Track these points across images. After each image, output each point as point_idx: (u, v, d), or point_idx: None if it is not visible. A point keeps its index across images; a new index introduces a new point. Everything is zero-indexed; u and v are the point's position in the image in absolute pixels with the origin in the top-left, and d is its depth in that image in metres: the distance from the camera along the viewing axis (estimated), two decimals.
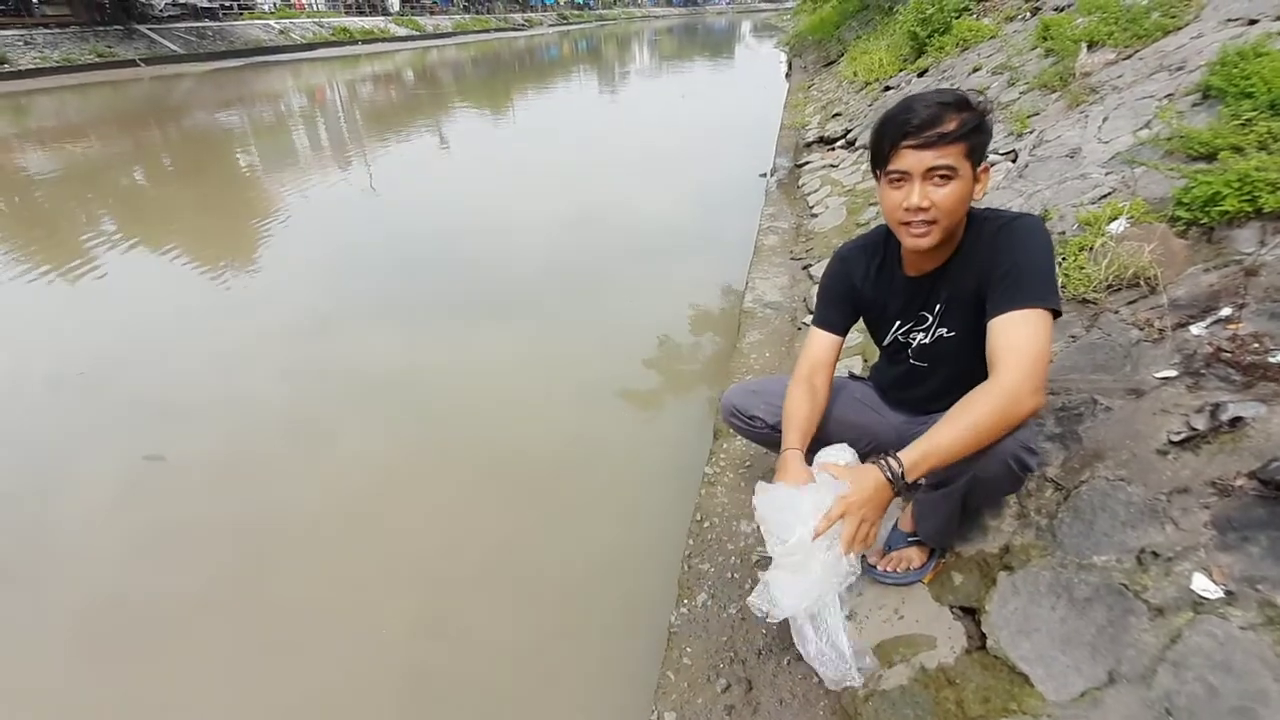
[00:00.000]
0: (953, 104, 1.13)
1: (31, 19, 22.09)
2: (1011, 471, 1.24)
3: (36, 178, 8.23)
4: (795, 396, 1.44)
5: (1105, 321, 1.81)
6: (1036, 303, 1.12)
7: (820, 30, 16.96)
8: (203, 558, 2.22)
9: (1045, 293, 1.13)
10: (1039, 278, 1.14)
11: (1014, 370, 1.08)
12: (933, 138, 1.12)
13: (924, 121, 1.12)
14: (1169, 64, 2.91)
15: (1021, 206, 2.63)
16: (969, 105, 1.14)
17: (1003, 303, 1.14)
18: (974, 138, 1.13)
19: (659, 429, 2.82)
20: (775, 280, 3.49)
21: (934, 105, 1.13)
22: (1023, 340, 1.10)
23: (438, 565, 2.14)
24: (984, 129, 1.15)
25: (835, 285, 1.46)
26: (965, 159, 1.14)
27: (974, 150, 1.15)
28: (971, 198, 1.19)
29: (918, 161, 1.14)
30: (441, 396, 3.12)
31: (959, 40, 5.86)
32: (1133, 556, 1.25)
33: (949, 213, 1.17)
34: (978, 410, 1.10)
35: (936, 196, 1.15)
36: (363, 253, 5.17)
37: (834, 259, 1.48)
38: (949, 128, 1.12)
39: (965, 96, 1.15)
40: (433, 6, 50.96)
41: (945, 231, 1.19)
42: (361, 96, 16.86)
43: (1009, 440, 1.15)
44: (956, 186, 1.15)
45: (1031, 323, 1.11)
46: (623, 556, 2.13)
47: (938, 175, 1.14)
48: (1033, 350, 1.09)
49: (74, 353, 3.65)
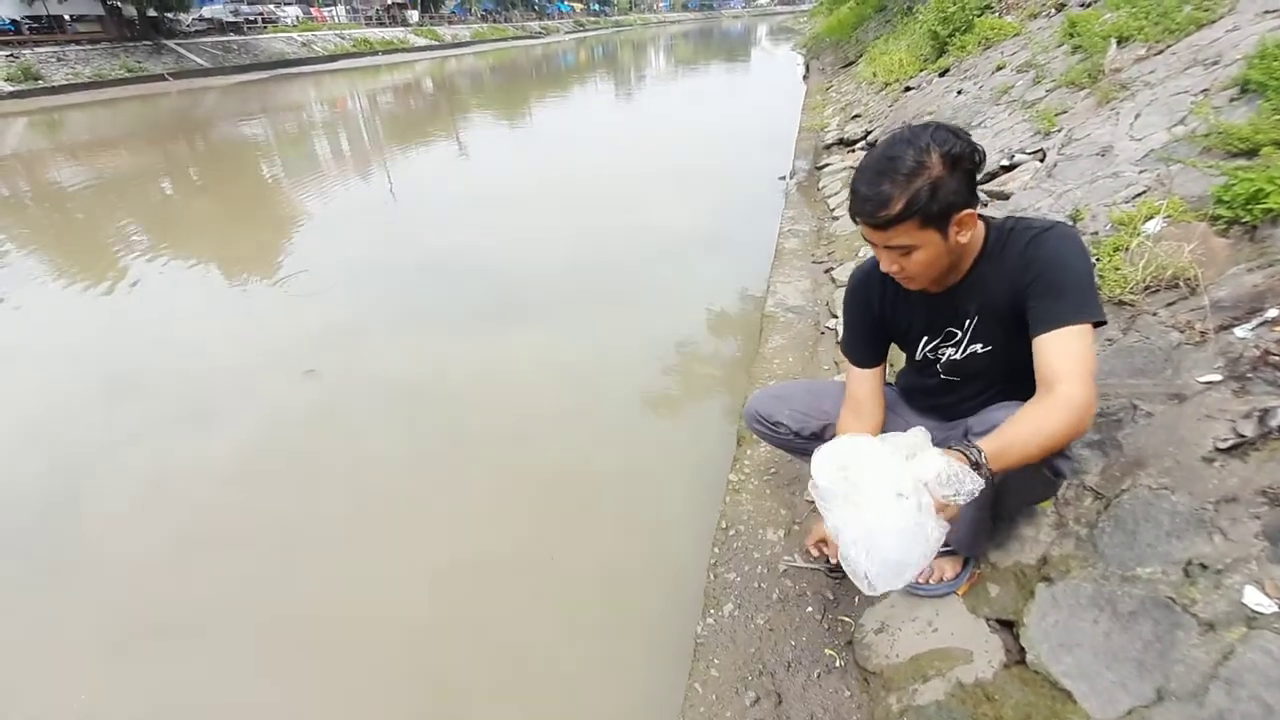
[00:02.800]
0: (903, 175, 1.06)
1: (64, 35, 22.79)
2: (1045, 478, 1.20)
3: (69, 189, 8.46)
4: (846, 427, 1.41)
5: (1143, 324, 1.75)
6: (1084, 317, 1.09)
7: (837, 32, 16.89)
8: (229, 559, 2.25)
9: (1090, 305, 1.10)
10: (1082, 290, 1.11)
11: (1076, 384, 1.06)
12: (879, 221, 1.09)
13: (871, 207, 1.09)
14: (1203, 58, 2.83)
15: (1051, 206, 2.57)
16: (920, 170, 1.05)
17: (1049, 318, 1.11)
18: (930, 205, 1.06)
19: (681, 434, 2.80)
20: (797, 284, 3.46)
21: (879, 183, 1.07)
22: (1074, 356, 1.08)
23: (460, 572, 2.14)
24: (940, 190, 1.06)
25: (857, 317, 1.42)
26: (922, 230, 1.09)
27: (931, 218, 1.08)
28: (953, 249, 1.15)
29: (876, 238, 1.14)
30: (462, 401, 3.13)
31: (981, 39, 5.78)
32: (1179, 569, 1.20)
33: (920, 275, 1.17)
34: (1049, 421, 1.06)
35: (904, 263, 1.15)
36: (383, 260, 5.22)
37: (850, 287, 1.43)
38: (894, 210, 1.07)
39: (915, 163, 1.05)
40: (451, 16, 51.69)
41: (930, 279, 1.19)
42: (382, 106, 17.14)
43: None
44: (920, 254, 1.13)
45: (1081, 337, 1.09)
46: (647, 565, 2.11)
47: (897, 250, 1.14)
48: (1087, 366, 1.07)
49: (101, 358, 3.75)
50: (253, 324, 4.15)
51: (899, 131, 1.12)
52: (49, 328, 4.25)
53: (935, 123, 1.12)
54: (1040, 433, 1.06)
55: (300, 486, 2.62)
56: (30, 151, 11.92)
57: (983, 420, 1.24)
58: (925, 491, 1.03)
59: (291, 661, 1.90)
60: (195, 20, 27.97)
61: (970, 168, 1.10)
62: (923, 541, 1.03)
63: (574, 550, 2.20)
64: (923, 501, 1.03)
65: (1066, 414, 1.05)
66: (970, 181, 1.11)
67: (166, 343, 3.92)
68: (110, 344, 4.03)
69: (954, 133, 1.09)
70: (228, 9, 30.29)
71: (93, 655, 1.94)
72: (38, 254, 5.80)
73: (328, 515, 2.45)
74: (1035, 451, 1.07)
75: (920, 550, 1.04)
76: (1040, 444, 1.07)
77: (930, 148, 1.06)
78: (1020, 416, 1.10)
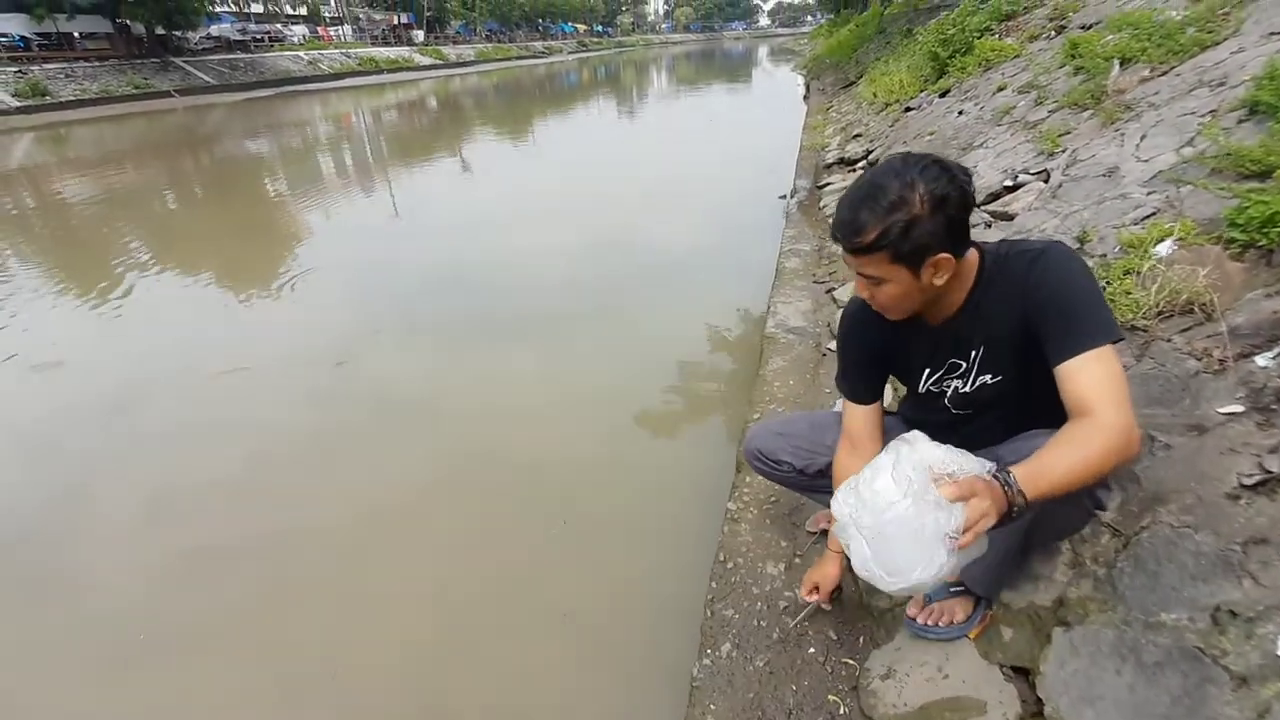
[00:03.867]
0: (881, 208, 1.03)
1: (73, 53, 23.09)
2: (1084, 509, 1.14)
3: (71, 203, 8.47)
4: (842, 463, 1.37)
5: (1158, 350, 1.69)
6: (1102, 338, 1.04)
7: (838, 53, 17.07)
8: (223, 577, 2.20)
9: (1106, 324, 1.05)
10: (1094, 310, 1.06)
11: (1115, 409, 1.00)
12: (852, 246, 1.08)
13: (847, 231, 1.08)
14: (1209, 79, 2.80)
15: (1058, 227, 2.52)
16: (899, 205, 1.02)
17: (1068, 345, 1.05)
18: (901, 243, 1.03)
19: (679, 459, 2.72)
20: (798, 304, 3.40)
21: (858, 210, 1.05)
22: (1105, 380, 1.02)
23: (450, 598, 2.06)
24: (914, 231, 1.02)
25: (853, 350, 1.37)
26: (892, 265, 1.06)
27: (902, 255, 1.05)
28: (925, 288, 1.10)
29: (851, 262, 1.13)
30: (462, 422, 3.07)
31: (981, 60, 5.79)
32: (1207, 615, 1.12)
33: (891, 308, 1.16)
34: (1091, 446, 1.00)
35: (875, 293, 1.14)
36: (386, 277, 5.19)
37: (845, 317, 1.38)
38: (867, 238, 1.05)
39: (897, 197, 1.02)
40: (456, 36, 52.47)
41: (904, 314, 1.17)
42: (386, 123, 17.27)
43: None
44: (890, 289, 1.11)
45: (1105, 360, 1.03)
46: (641, 598, 2.02)
47: (868, 279, 1.12)
48: (1120, 389, 1.02)
49: (100, 373, 3.69)
50: (247, 337, 4.12)
51: (893, 160, 1.08)
52: (39, 336, 4.19)
53: (933, 157, 1.06)
54: (1081, 458, 1.00)
55: (298, 503, 2.58)
56: (35, 165, 11.99)
57: (1015, 449, 1.17)
58: (925, 479, 1.00)
59: (289, 680, 1.85)
60: (203, 38, 28.38)
61: (955, 212, 1.05)
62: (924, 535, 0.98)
63: (564, 579, 2.11)
64: (919, 489, 1.00)
65: (1109, 437, 0.99)
66: (953, 226, 1.05)
67: (161, 358, 3.87)
68: (103, 359, 3.98)
69: (947, 171, 1.04)
70: (235, 28, 30.76)
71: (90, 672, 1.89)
72: (37, 265, 5.77)
73: (326, 532, 2.40)
74: (1075, 478, 1.00)
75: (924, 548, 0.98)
76: (1081, 470, 1.00)
77: (916, 184, 1.02)
78: (1057, 441, 1.03)
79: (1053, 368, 1.08)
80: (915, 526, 0.99)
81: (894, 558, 1.01)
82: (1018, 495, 0.98)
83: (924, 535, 0.98)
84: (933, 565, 0.98)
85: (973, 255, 1.16)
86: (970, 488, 0.96)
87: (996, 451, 1.22)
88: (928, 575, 0.99)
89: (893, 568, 1.02)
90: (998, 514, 0.96)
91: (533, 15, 66.05)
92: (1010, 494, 0.97)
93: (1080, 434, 1.02)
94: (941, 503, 0.98)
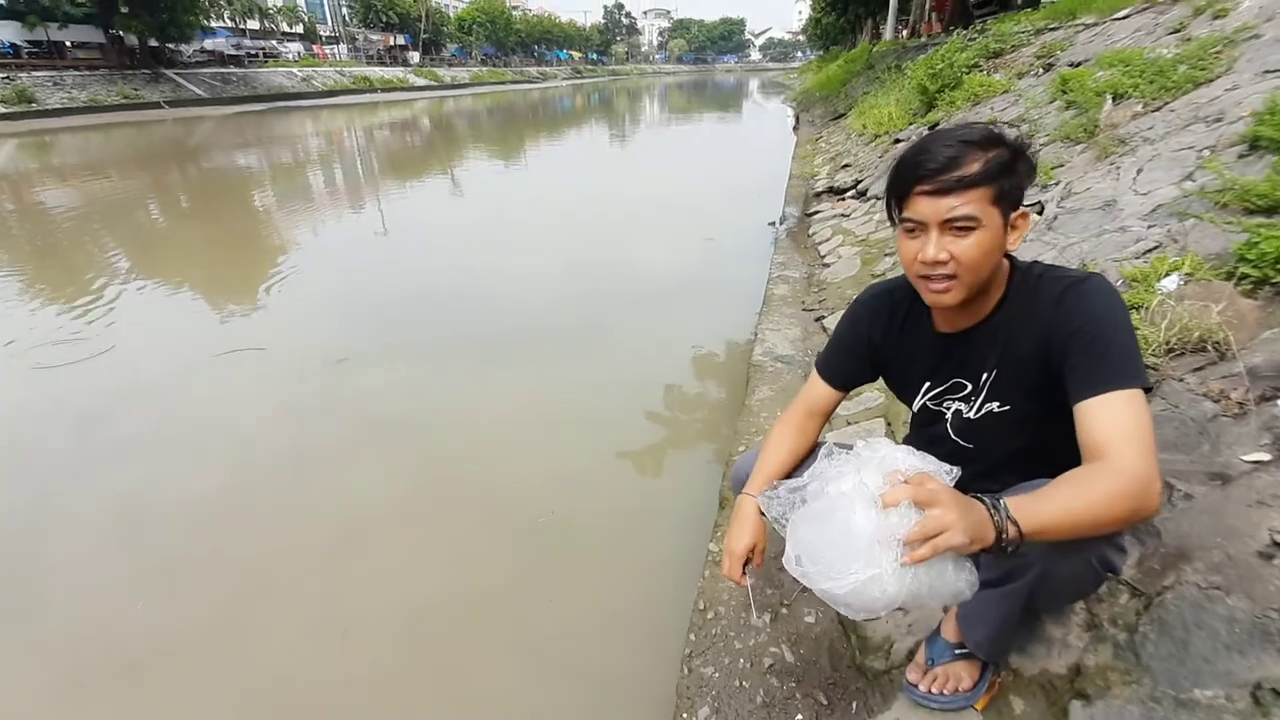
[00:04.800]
0: (979, 141, 0.95)
1: (63, 61, 22.95)
2: (1093, 571, 1.00)
3: (48, 210, 8.25)
4: (777, 436, 1.27)
5: (1171, 391, 1.58)
6: (1133, 380, 0.92)
7: (827, 87, 17.38)
8: (195, 597, 2.09)
9: (1139, 369, 0.93)
10: (1128, 351, 0.94)
11: (1135, 453, 0.87)
12: (950, 182, 0.94)
13: (942, 164, 0.95)
14: (1204, 115, 2.76)
15: (1055, 259, 2.44)
16: (999, 141, 0.96)
17: (1093, 381, 0.93)
18: (1004, 180, 0.95)
19: (659, 496, 2.56)
20: (786, 332, 3.29)
21: (955, 144, 0.95)
22: (1130, 423, 0.89)
23: (408, 631, 1.88)
24: (1015, 169, 0.96)
25: (849, 335, 1.26)
26: (992, 205, 0.95)
27: (1003, 195, 0.95)
28: (1005, 248, 1.00)
29: (933, 210, 0.96)
30: (441, 445, 2.94)
31: (970, 95, 5.82)
32: (1246, 693, 1.00)
33: (972, 268, 0.99)
34: (1098, 488, 0.86)
35: (957, 249, 0.97)
36: (370, 296, 5.04)
37: (856, 302, 1.27)
38: (970, 170, 0.94)
39: (994, 132, 0.97)
40: (451, 59, 53.06)
41: (970, 288, 1.01)
42: (378, 141, 17.21)
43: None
44: (981, 237, 0.96)
45: (1134, 404, 0.91)
46: (612, 651, 1.85)
47: (957, 225, 0.96)
48: (1145, 435, 0.89)
49: (80, 387, 3.51)
50: (227, 354, 3.92)
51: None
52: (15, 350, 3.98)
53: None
54: (1084, 498, 0.86)
55: (268, 523, 2.45)
56: (16, 171, 11.74)
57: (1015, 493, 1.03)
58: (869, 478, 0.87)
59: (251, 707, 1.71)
60: (196, 52, 28.39)
61: (1028, 171, 0.99)
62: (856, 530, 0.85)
63: (530, 626, 1.94)
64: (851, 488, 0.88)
65: (1122, 483, 0.86)
66: (1023, 188, 1.00)
67: (137, 375, 3.68)
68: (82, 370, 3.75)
69: (1019, 135, 1.01)
70: (230, 43, 30.81)
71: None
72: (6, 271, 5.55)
73: (302, 552, 2.27)
74: (1075, 520, 0.86)
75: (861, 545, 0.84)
76: (1083, 511, 0.86)
77: (1002, 133, 0.98)
78: (1062, 479, 0.91)
79: (1072, 405, 0.95)
80: (844, 517, 0.86)
81: (824, 551, 0.87)
82: (1007, 522, 0.84)
83: (856, 530, 0.84)
84: (874, 566, 0.83)
85: (1005, 264, 1.06)
86: (929, 495, 0.83)
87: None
88: (872, 584, 0.83)
89: (825, 563, 0.87)
90: (972, 537, 0.81)
91: (528, 41, 67.12)
92: (998, 519, 0.84)
93: (1088, 474, 0.89)
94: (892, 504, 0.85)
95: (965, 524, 0.81)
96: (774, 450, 1.25)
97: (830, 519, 0.87)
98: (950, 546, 0.80)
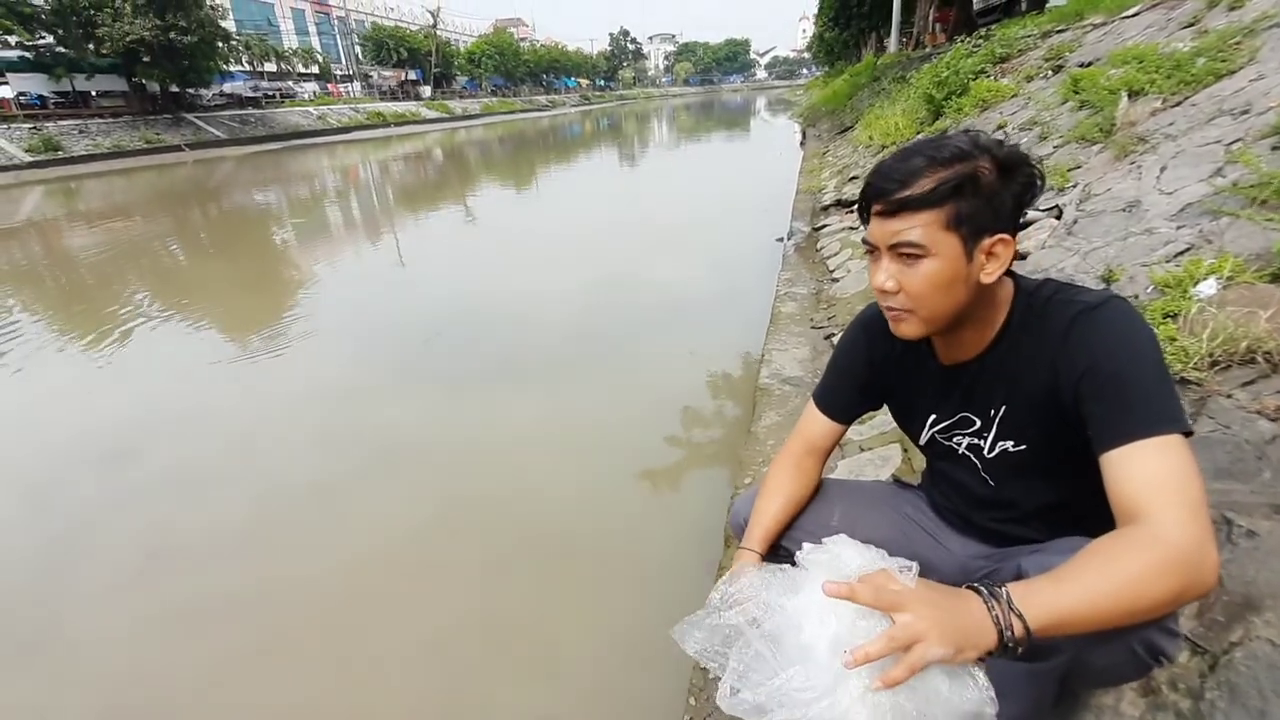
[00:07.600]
0: (945, 157, 0.81)
1: (88, 110, 23.75)
2: (1137, 660, 0.80)
3: (78, 253, 8.41)
4: (774, 481, 1.13)
5: (1218, 409, 1.42)
6: (1166, 425, 0.75)
7: (833, 101, 17.34)
8: (217, 629, 2.07)
9: (1173, 409, 0.77)
10: (1161, 389, 0.78)
11: (1179, 516, 0.70)
12: (894, 204, 0.83)
13: (896, 181, 0.83)
14: (1229, 108, 2.60)
15: (1077, 266, 2.28)
16: (963, 156, 0.81)
17: (1122, 427, 0.77)
18: (962, 201, 0.81)
19: (661, 533, 2.38)
20: (794, 352, 3.15)
21: (918, 158, 0.83)
22: (1170, 477, 0.73)
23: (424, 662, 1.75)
24: (978, 191, 0.81)
25: (846, 361, 1.12)
26: (945, 231, 0.81)
27: (962, 219, 0.81)
28: (973, 279, 0.85)
29: (881, 233, 0.86)
30: (454, 473, 2.94)
31: (978, 101, 5.69)
32: None
33: (922, 301, 0.86)
34: (1134, 563, 0.69)
35: (904, 279, 0.86)
36: (389, 325, 5.08)
37: (853, 324, 1.13)
38: (917, 190, 0.81)
39: (967, 147, 0.82)
40: (462, 91, 54.26)
41: (930, 322, 0.88)
42: (393, 174, 17.47)
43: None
44: (930, 267, 0.83)
45: (1168, 452, 0.74)
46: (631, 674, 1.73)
47: (902, 252, 0.84)
48: (1188, 491, 0.72)
49: (107, 424, 3.53)
50: (250, 386, 3.98)
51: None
52: (37, 389, 3.98)
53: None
54: (1115, 578, 0.68)
55: (290, 550, 2.45)
56: (44, 218, 12.05)
57: (1040, 562, 0.85)
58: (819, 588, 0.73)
59: None
60: (216, 95, 29.25)
61: (1022, 188, 0.84)
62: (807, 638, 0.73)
63: (524, 678, 1.79)
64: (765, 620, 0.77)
65: (1159, 554, 0.68)
66: (1018, 206, 0.84)
67: (160, 407, 3.71)
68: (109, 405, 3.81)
69: (1016, 147, 0.85)
70: (248, 85, 31.74)
71: None
72: (34, 316, 5.61)
73: (319, 578, 2.25)
74: (1105, 608, 0.68)
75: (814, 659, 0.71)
76: (1112, 595, 0.68)
77: (984, 144, 0.83)
78: (1087, 551, 0.73)
79: (1098, 456, 0.79)
80: (793, 638, 0.73)
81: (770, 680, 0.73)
82: (1011, 617, 0.68)
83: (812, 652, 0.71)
84: (834, 695, 0.68)
85: (1008, 286, 0.91)
86: (892, 598, 0.68)
87: (1020, 561, 0.93)
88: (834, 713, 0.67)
89: (770, 692, 0.72)
90: (958, 645, 0.66)
91: (537, 71, 68.40)
92: (997, 614, 0.68)
93: (1119, 544, 0.72)
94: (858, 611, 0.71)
95: (945, 630, 0.66)
96: (770, 498, 1.11)
97: (779, 641, 0.73)
98: (929, 660, 0.65)
